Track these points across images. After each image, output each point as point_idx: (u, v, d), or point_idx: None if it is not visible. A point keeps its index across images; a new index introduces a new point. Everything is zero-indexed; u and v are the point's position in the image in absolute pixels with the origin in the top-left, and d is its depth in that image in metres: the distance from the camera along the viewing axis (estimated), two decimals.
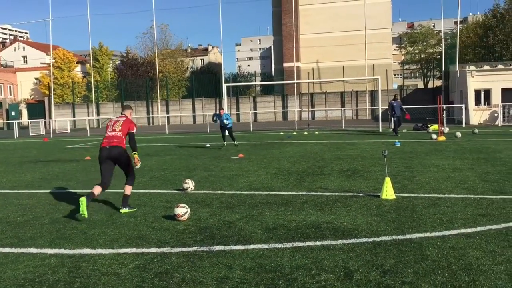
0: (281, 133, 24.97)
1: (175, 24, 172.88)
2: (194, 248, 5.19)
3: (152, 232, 5.91)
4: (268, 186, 8.88)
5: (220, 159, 13.57)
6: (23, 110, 51.54)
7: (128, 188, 7.29)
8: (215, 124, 15.96)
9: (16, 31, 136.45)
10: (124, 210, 7.10)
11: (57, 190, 9.28)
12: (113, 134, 7.26)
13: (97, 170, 11.93)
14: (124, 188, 7.29)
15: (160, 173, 10.97)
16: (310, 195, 7.90)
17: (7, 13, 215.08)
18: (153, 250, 5.18)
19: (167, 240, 5.54)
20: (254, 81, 51.85)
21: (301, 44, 45.80)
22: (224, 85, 29.80)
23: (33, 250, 5.34)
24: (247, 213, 6.73)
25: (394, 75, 68.73)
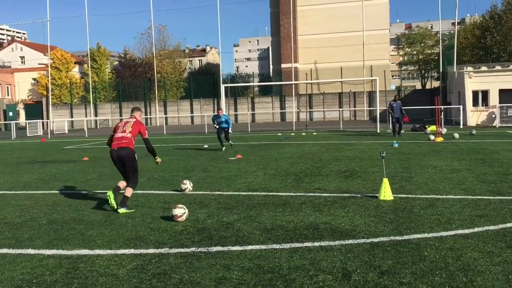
0: (279, 134, 24.97)
1: (173, 25, 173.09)
2: (192, 249, 5.19)
3: (150, 233, 5.91)
4: (266, 187, 8.89)
5: (218, 160, 13.57)
6: (21, 111, 51.48)
7: (129, 191, 7.39)
8: (213, 125, 15.90)
9: (14, 32, 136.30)
10: (122, 210, 7.12)
11: (55, 191, 9.26)
12: (123, 135, 7.55)
13: (95, 171, 12.02)
14: (125, 190, 7.38)
15: (158, 174, 10.96)
16: (308, 196, 7.91)
17: (5, 14, 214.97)
18: (151, 251, 5.18)
19: (165, 241, 5.53)
20: (252, 82, 51.93)
21: (299, 45, 45.83)
22: (222, 86, 29.83)
23: (31, 251, 5.33)
24: (245, 214, 6.73)
25: (392, 76, 68.85)
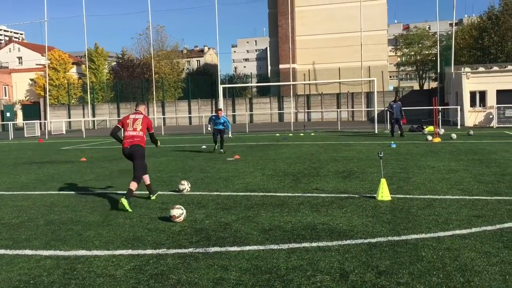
0: (277, 135, 24.98)
1: (171, 25, 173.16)
2: (190, 250, 5.18)
3: (148, 234, 5.90)
4: (264, 188, 8.89)
5: (216, 161, 13.57)
6: (18, 112, 51.38)
7: (134, 185, 7.60)
8: (213, 121, 15.82)
9: (11, 32, 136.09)
10: (124, 201, 7.28)
11: (52, 192, 9.25)
12: (135, 134, 7.85)
13: (93, 172, 12.01)
14: (130, 184, 7.59)
15: (156, 175, 10.94)
16: (306, 197, 7.91)
17: (2, 14, 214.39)
18: (149, 252, 5.17)
19: (163, 242, 5.53)
20: (250, 83, 51.98)
21: (297, 46, 45.86)
22: (220, 87, 29.84)
23: (28, 252, 5.32)
24: (243, 215, 6.73)
25: (390, 77, 68.95)
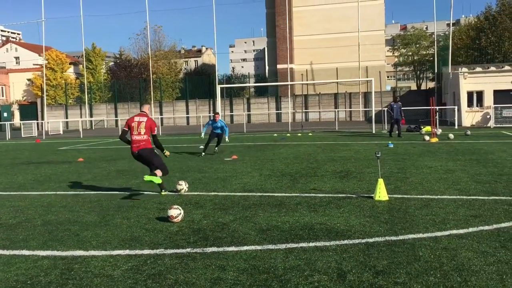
0: (275, 135, 24.99)
1: (169, 25, 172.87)
2: (188, 250, 5.18)
3: (145, 234, 5.90)
4: (262, 188, 8.89)
5: (214, 161, 13.56)
6: (15, 112, 51.26)
7: (159, 172, 8.18)
8: (210, 125, 15.76)
9: (9, 32, 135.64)
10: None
11: (50, 192, 9.23)
12: (140, 138, 8.26)
13: (90, 172, 12.01)
14: (156, 172, 8.18)
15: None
16: (304, 197, 7.92)
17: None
18: (146, 252, 5.17)
19: (160, 242, 5.53)
20: (248, 83, 51.98)
21: (295, 46, 45.88)
22: (218, 87, 29.86)
23: (25, 252, 5.31)
24: (241, 215, 6.74)
25: (387, 77, 68.95)
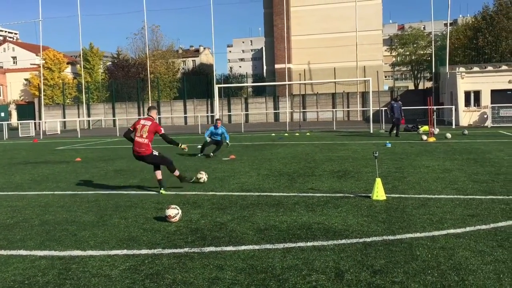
0: (273, 134, 24.99)
1: (167, 25, 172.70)
2: (185, 249, 5.18)
3: (143, 234, 5.89)
4: (260, 187, 8.89)
5: (212, 161, 13.56)
6: (13, 111, 51.18)
7: (176, 172, 8.93)
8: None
9: (6, 32, 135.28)
10: (185, 182, 9.09)
11: (47, 192, 9.21)
12: (142, 141, 8.50)
13: (88, 172, 11.99)
14: (173, 174, 8.95)
15: (151, 175, 10.88)
16: (301, 196, 7.92)
17: None
18: (144, 252, 5.16)
19: (158, 242, 5.52)
20: (246, 82, 51.94)
21: (293, 46, 45.88)
22: (216, 86, 29.80)
23: (23, 252, 5.30)
24: (239, 214, 6.74)
25: (385, 77, 69.03)
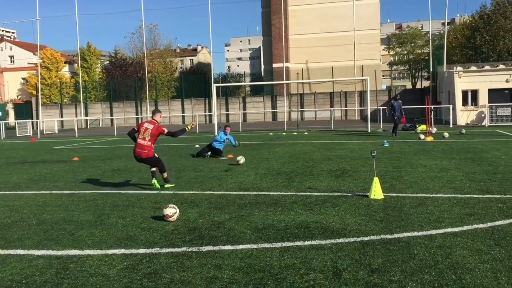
0: (271, 134, 25.00)
1: (164, 24, 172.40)
2: (183, 249, 5.18)
3: (141, 233, 5.89)
4: (258, 187, 8.90)
5: (209, 160, 13.56)
6: (10, 111, 51.03)
7: (164, 174, 8.99)
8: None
9: (3, 31, 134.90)
10: (167, 185, 8.96)
11: (45, 191, 9.20)
12: (144, 143, 8.70)
13: (85, 171, 11.97)
14: (161, 175, 9.01)
15: (149, 174, 10.88)
16: (299, 195, 7.93)
17: None
18: (142, 251, 5.16)
19: (156, 241, 5.52)
20: (244, 82, 51.92)
21: (290, 45, 45.89)
22: (214, 86, 29.79)
23: (20, 252, 5.29)
24: (236, 214, 6.74)
25: (383, 76, 69.16)
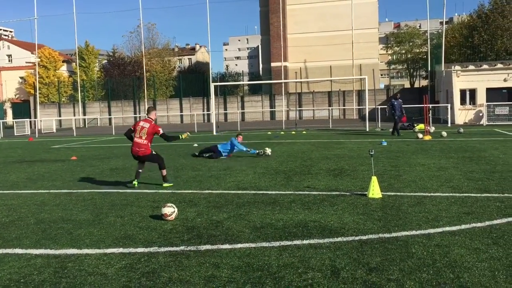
0: (269, 133, 25.00)
1: (163, 23, 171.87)
2: (182, 248, 5.18)
3: (139, 232, 5.89)
4: (256, 186, 8.90)
5: (208, 159, 13.55)
6: (8, 110, 50.93)
7: (163, 171, 9.07)
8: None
9: (1, 30, 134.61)
10: (165, 184, 8.99)
11: (43, 190, 9.19)
12: (141, 142, 8.86)
13: (83, 170, 11.97)
14: (161, 172, 9.13)
15: (147, 173, 10.89)
16: (298, 194, 7.93)
17: None
18: (140, 250, 5.16)
19: (154, 240, 5.52)
20: (242, 81, 51.89)
21: (289, 44, 45.87)
22: (212, 85, 29.76)
23: (19, 251, 5.29)
24: (235, 213, 6.74)
25: (381, 75, 69.23)
